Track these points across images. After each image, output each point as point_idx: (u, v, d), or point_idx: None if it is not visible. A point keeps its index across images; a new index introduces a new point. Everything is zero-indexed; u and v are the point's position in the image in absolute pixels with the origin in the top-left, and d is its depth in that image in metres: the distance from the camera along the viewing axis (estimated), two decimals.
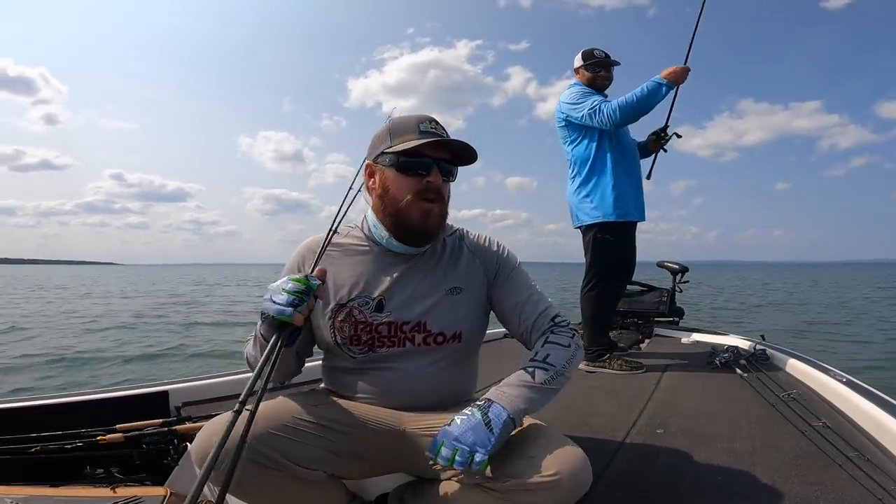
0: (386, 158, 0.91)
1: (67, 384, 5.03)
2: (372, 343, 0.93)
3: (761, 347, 2.28)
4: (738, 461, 1.17)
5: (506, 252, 1.04)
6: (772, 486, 1.03)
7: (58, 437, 1.26)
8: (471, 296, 0.98)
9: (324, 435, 0.87)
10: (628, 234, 2.29)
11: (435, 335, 0.94)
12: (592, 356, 2.24)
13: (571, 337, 0.95)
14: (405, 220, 0.92)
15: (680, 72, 2.13)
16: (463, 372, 1.02)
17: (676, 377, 2.04)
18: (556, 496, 0.75)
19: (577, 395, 1.80)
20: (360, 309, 0.94)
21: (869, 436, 1.29)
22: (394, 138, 0.91)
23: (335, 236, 0.97)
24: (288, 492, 0.83)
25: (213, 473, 0.70)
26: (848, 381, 1.61)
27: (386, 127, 0.94)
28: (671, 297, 3.21)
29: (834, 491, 1.00)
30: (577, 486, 0.77)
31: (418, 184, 0.90)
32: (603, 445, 1.28)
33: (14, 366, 5.87)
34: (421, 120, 0.92)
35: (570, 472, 0.76)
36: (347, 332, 0.93)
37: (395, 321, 0.93)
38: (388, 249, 0.97)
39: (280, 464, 0.80)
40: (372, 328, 0.93)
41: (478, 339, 1.03)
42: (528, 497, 0.76)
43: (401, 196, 0.91)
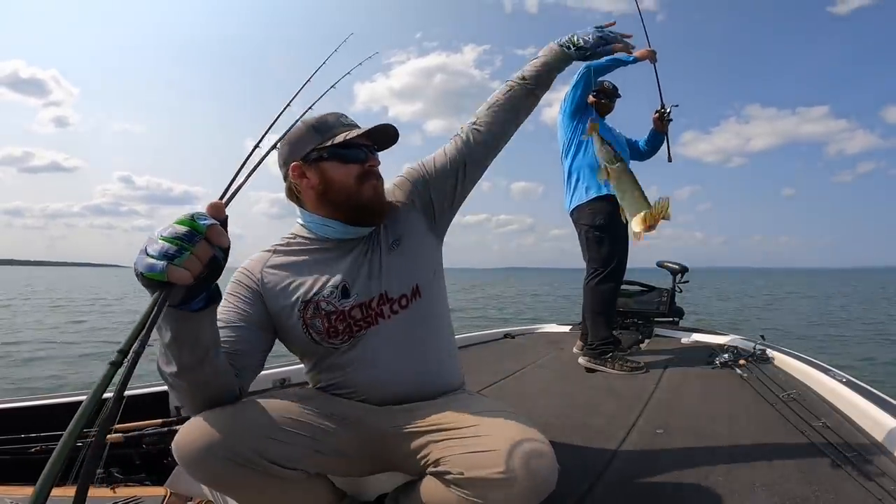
0: (324, 153, 0.95)
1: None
2: (350, 330, 0.93)
3: (761, 347, 2.28)
4: (738, 461, 1.17)
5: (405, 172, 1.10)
6: (772, 485, 1.03)
7: (57, 437, 1.26)
8: (410, 238, 1.01)
9: (306, 433, 0.85)
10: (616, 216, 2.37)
11: (398, 300, 0.96)
12: (595, 352, 2.25)
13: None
14: (358, 201, 0.96)
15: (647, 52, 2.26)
16: (437, 335, 1.01)
17: (676, 377, 2.04)
18: (510, 494, 0.73)
19: (578, 395, 1.80)
20: (328, 300, 0.93)
21: (869, 436, 1.29)
22: (323, 132, 0.96)
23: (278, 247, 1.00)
24: (271, 490, 0.83)
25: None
26: (848, 381, 1.61)
27: (306, 128, 0.98)
28: (671, 298, 3.21)
29: (834, 491, 1.00)
30: (534, 485, 0.74)
31: (361, 168, 0.96)
32: (603, 445, 1.28)
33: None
34: (338, 116, 0.98)
35: (528, 471, 0.73)
36: (321, 326, 0.93)
37: (363, 301, 0.94)
38: (338, 240, 0.99)
39: (257, 464, 0.79)
40: (345, 315, 0.93)
41: (433, 284, 1.02)
42: (480, 493, 0.75)
43: (348, 181, 0.95)
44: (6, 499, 1.06)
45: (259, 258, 0.99)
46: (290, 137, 0.97)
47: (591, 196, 2.33)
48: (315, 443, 0.86)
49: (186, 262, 0.64)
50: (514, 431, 0.79)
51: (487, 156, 1.11)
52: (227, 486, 0.82)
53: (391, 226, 1.02)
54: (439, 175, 1.07)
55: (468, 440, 0.80)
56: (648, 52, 2.34)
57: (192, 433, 0.77)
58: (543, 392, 1.83)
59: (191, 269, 0.64)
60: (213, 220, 0.67)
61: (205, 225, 0.65)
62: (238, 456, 0.77)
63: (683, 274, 3.35)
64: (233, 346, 0.88)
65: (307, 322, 0.93)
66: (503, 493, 0.73)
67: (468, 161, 1.08)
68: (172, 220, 0.66)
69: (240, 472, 0.78)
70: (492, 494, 0.74)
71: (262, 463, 0.79)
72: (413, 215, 1.04)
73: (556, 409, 1.60)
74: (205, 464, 0.77)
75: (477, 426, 0.82)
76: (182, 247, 0.63)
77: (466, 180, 1.09)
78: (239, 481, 0.79)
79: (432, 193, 1.06)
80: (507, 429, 0.80)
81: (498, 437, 0.78)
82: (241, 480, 0.79)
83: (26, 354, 6.96)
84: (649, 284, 3.29)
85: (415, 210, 1.04)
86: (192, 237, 0.64)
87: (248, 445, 0.78)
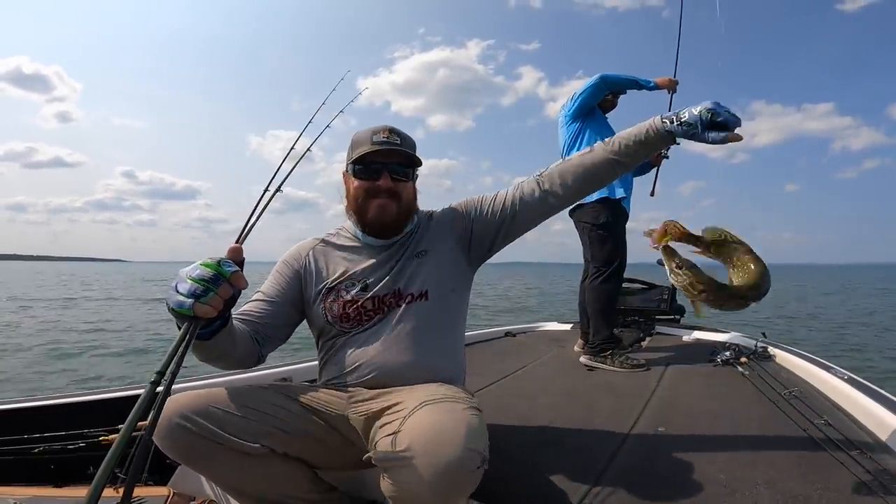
0: (349, 168, 1.07)
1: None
2: (360, 318, 1.04)
3: (762, 345, 2.27)
4: (739, 459, 1.17)
5: (463, 200, 1.18)
6: (773, 483, 1.03)
7: (61, 438, 1.27)
8: (436, 254, 1.10)
9: (269, 412, 0.90)
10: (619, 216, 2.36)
11: (405, 296, 1.05)
12: (595, 351, 2.25)
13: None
14: (363, 216, 1.07)
15: (669, 81, 2.39)
16: (437, 337, 1.05)
17: (678, 375, 2.04)
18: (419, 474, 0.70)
19: (578, 393, 1.80)
20: (347, 289, 1.05)
21: (871, 433, 1.29)
22: (353, 150, 1.06)
23: (329, 235, 1.16)
24: (240, 466, 0.86)
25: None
26: (850, 379, 1.61)
27: (351, 141, 1.09)
28: (672, 295, 3.21)
29: (836, 489, 1.00)
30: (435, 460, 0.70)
31: (370, 185, 1.05)
32: (604, 443, 1.28)
33: None
34: (375, 131, 1.05)
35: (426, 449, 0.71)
36: (337, 310, 1.05)
37: (378, 295, 1.05)
38: (367, 243, 1.11)
39: (218, 436, 0.83)
40: (358, 305, 1.04)
41: (445, 297, 1.07)
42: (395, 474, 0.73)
43: (357, 196, 1.06)
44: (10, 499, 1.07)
45: (308, 244, 1.14)
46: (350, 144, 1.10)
47: (594, 198, 2.31)
48: (278, 421, 0.90)
49: (211, 301, 0.75)
50: (432, 412, 0.78)
51: (537, 217, 1.12)
52: (197, 460, 0.86)
53: (423, 238, 1.12)
54: (488, 216, 1.13)
55: (389, 423, 0.82)
56: (671, 81, 2.38)
57: (164, 412, 0.80)
58: (544, 390, 1.83)
59: (214, 306, 0.76)
60: (235, 267, 0.79)
61: (229, 271, 0.78)
62: (200, 428, 0.82)
63: None
64: (264, 318, 1.03)
65: (326, 305, 1.06)
66: (407, 474, 0.71)
67: (518, 214, 1.11)
68: (199, 262, 0.77)
69: (204, 444, 0.83)
70: (398, 476, 0.72)
71: (222, 435, 0.83)
72: (449, 238, 1.13)
73: (557, 407, 1.60)
74: (171, 435, 0.82)
75: (402, 408, 0.84)
76: (208, 288, 0.75)
77: (514, 228, 1.12)
78: (206, 454, 0.84)
79: (474, 228, 1.14)
80: (427, 409, 0.79)
81: (413, 418, 0.78)
82: (208, 454, 0.83)
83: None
84: (650, 282, 3.29)
85: (452, 236, 1.13)
86: (216, 280, 0.76)
87: (210, 418, 0.84)
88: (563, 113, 2.49)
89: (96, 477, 0.58)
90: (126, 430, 0.63)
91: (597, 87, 2.34)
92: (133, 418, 0.64)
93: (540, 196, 1.09)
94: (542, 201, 1.09)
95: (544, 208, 1.10)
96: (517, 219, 1.11)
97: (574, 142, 2.42)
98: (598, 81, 2.33)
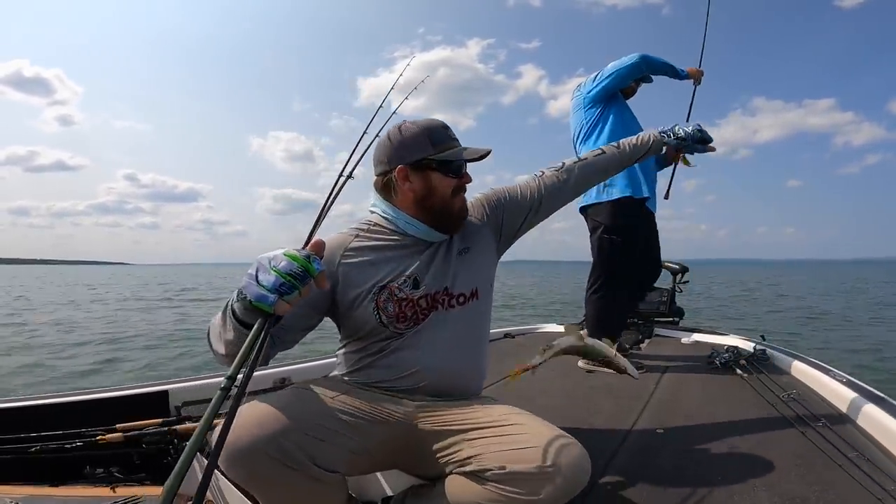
0: (433, 163, 1.01)
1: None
2: (416, 318, 1.00)
3: (761, 348, 2.27)
4: (738, 461, 1.17)
5: (486, 192, 1.19)
6: (772, 486, 1.03)
7: (58, 437, 1.26)
8: (477, 250, 1.10)
9: (346, 433, 0.86)
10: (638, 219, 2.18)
11: (457, 296, 1.03)
12: None
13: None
14: (449, 211, 1.04)
15: (697, 72, 2.33)
16: (481, 339, 1.09)
17: (676, 377, 2.04)
18: (551, 487, 0.76)
19: (577, 395, 1.80)
20: (400, 287, 1.00)
21: (869, 436, 1.29)
22: (436, 146, 1.01)
23: (359, 231, 1.06)
24: (302, 491, 0.80)
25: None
26: (848, 382, 1.61)
27: (422, 136, 1.01)
28: (671, 297, 3.21)
29: (834, 491, 1.00)
30: (574, 477, 0.77)
31: (458, 182, 1.04)
32: (603, 445, 1.28)
33: None
34: (445, 127, 1.04)
35: (568, 463, 0.77)
36: (392, 310, 0.99)
37: (429, 292, 1.01)
38: (417, 238, 1.04)
39: (305, 466, 0.77)
40: (414, 303, 1.00)
41: (488, 294, 1.11)
42: (521, 487, 0.76)
43: (447, 192, 1.03)
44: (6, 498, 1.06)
45: (340, 241, 1.03)
46: (403, 140, 1.01)
47: (614, 196, 2.14)
48: (353, 443, 0.86)
49: (293, 300, 0.70)
50: (547, 429, 0.84)
51: (559, 204, 1.23)
52: (262, 487, 0.79)
53: (464, 235, 1.10)
54: (516, 205, 1.17)
55: (504, 438, 0.83)
56: (698, 71, 2.34)
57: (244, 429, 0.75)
58: (543, 392, 1.83)
59: (292, 304, 0.71)
60: (322, 265, 0.74)
61: (318, 269, 0.72)
62: (287, 457, 0.76)
63: (683, 274, 3.35)
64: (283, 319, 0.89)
65: (380, 305, 0.98)
66: (544, 487, 0.76)
67: (544, 201, 1.18)
68: (283, 252, 0.71)
69: (283, 472, 0.76)
70: (533, 488, 0.76)
71: (308, 465, 0.78)
72: (485, 231, 1.13)
73: (555, 409, 1.60)
74: (252, 461, 0.75)
75: (510, 425, 0.87)
76: (294, 285, 0.69)
77: (536, 217, 1.19)
78: (276, 481, 0.77)
79: (504, 218, 1.15)
80: (540, 426, 0.86)
81: (533, 434, 0.82)
82: (278, 480, 0.77)
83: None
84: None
85: (487, 227, 1.13)
86: (304, 278, 0.71)
87: (299, 446, 0.77)
88: (581, 94, 2.27)
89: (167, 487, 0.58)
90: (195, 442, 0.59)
91: (635, 66, 2.12)
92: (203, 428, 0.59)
93: (561, 188, 1.21)
94: (563, 194, 1.21)
95: (561, 200, 1.23)
96: (541, 209, 1.18)
97: (593, 129, 2.22)
98: (637, 61, 2.11)
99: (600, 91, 2.19)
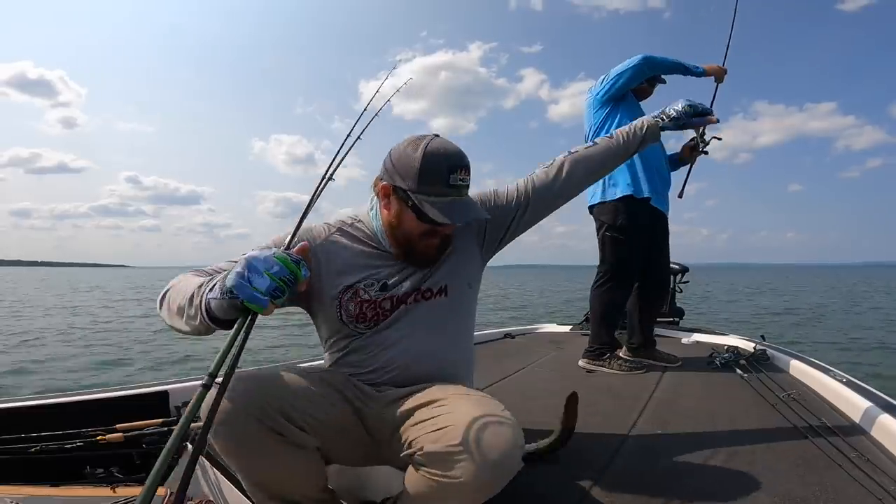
0: (409, 200, 0.93)
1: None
2: (377, 318, 0.99)
3: (761, 348, 2.28)
4: (737, 461, 1.17)
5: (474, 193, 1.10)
6: (771, 486, 1.03)
7: (58, 437, 1.26)
8: (457, 251, 1.06)
9: (321, 401, 0.88)
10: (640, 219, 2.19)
11: (423, 291, 1.01)
12: (594, 354, 2.24)
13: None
14: (412, 249, 1.00)
15: (718, 69, 2.25)
16: (453, 331, 1.04)
17: (676, 377, 2.04)
18: (470, 467, 0.71)
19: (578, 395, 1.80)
20: (366, 289, 0.99)
21: (869, 436, 1.29)
22: (422, 183, 0.92)
23: (343, 224, 1.05)
24: (279, 458, 0.83)
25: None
26: (848, 382, 1.61)
27: (416, 161, 0.92)
28: (671, 298, 3.22)
29: (833, 491, 1.00)
30: (496, 457, 0.72)
31: (431, 230, 0.96)
32: (603, 445, 1.28)
33: None
34: (451, 168, 0.93)
35: (488, 442, 0.72)
36: (353, 310, 0.98)
37: (396, 295, 1.00)
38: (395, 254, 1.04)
39: (284, 427, 0.81)
40: (376, 304, 0.99)
41: (463, 293, 1.07)
42: (438, 468, 0.74)
43: (412, 233, 0.97)
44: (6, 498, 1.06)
45: (324, 229, 1.04)
46: (400, 159, 0.94)
47: (617, 195, 2.18)
48: (325, 412, 0.88)
49: (280, 302, 0.73)
50: (476, 408, 0.79)
51: (551, 203, 1.17)
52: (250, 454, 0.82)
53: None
54: (500, 210, 1.12)
55: (432, 419, 0.82)
56: (720, 68, 2.24)
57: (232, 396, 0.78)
58: (543, 392, 1.83)
59: (279, 306, 0.74)
60: (308, 272, 0.77)
61: (305, 276, 0.75)
62: (266, 416, 0.79)
63: (683, 274, 3.36)
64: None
65: (342, 303, 0.99)
66: (459, 467, 0.72)
67: (532, 202, 1.14)
68: (275, 255, 0.73)
69: (268, 437, 0.80)
70: (448, 469, 0.73)
71: (290, 429, 0.81)
72: (466, 234, 1.09)
73: (555, 409, 1.60)
74: (237, 422, 0.78)
75: (442, 405, 0.84)
76: (284, 290, 0.72)
77: (525, 220, 1.14)
78: (263, 448, 0.81)
79: (488, 225, 1.11)
80: (470, 405, 0.81)
81: (458, 413, 0.79)
82: (265, 447, 0.81)
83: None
84: None
85: (469, 231, 1.10)
86: (295, 283, 0.73)
87: (275, 405, 0.81)
88: (591, 95, 2.29)
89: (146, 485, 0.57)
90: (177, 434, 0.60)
91: (637, 69, 2.10)
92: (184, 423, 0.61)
93: (550, 187, 1.15)
94: (553, 192, 1.15)
95: (554, 199, 1.17)
96: (529, 210, 1.14)
97: (600, 130, 2.23)
98: (639, 63, 2.09)
99: (605, 93, 2.21)
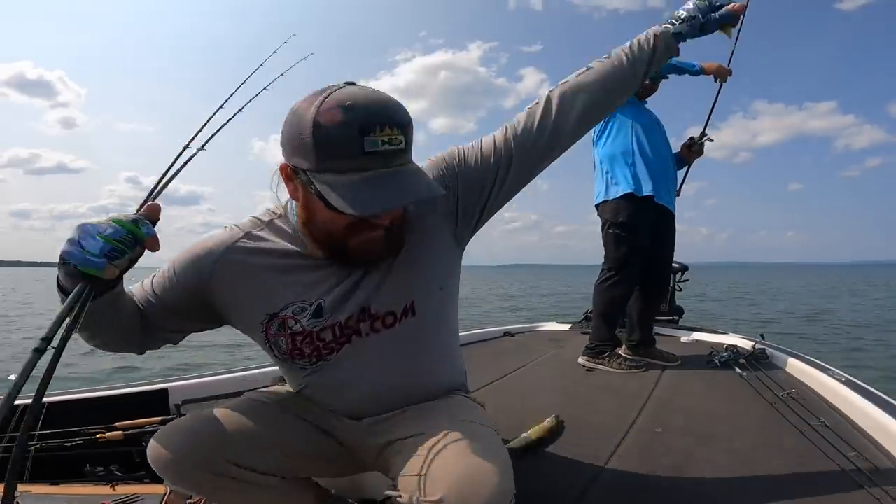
0: (312, 186, 0.69)
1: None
2: (318, 354, 0.79)
3: (761, 347, 2.28)
4: (737, 460, 1.17)
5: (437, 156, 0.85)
6: (770, 485, 1.04)
7: (57, 435, 1.26)
8: (420, 246, 0.80)
9: (280, 439, 0.82)
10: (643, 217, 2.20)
11: (382, 317, 0.79)
12: (594, 352, 2.25)
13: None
14: (338, 247, 0.75)
15: (718, 68, 2.20)
16: (431, 349, 0.84)
17: (676, 376, 2.04)
18: None
19: (577, 394, 1.80)
20: (296, 318, 0.78)
21: (868, 435, 1.29)
22: (322, 157, 0.66)
23: (255, 229, 0.82)
24: (252, 495, 0.81)
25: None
26: (847, 381, 1.61)
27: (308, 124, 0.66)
28: (671, 296, 3.22)
29: (832, 490, 1.00)
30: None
31: (357, 221, 0.71)
32: (602, 444, 1.28)
33: None
34: (367, 127, 0.64)
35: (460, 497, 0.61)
36: (285, 345, 0.79)
37: (337, 321, 0.78)
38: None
39: (232, 472, 0.77)
40: (313, 337, 0.78)
41: (437, 301, 0.83)
42: None
43: (333, 230, 0.73)
44: None
45: (224, 240, 0.80)
46: (291, 125, 0.69)
47: (619, 193, 2.20)
48: (290, 447, 0.83)
49: (121, 264, 0.67)
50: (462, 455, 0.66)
51: (543, 151, 0.87)
52: (208, 492, 0.81)
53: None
54: (474, 171, 0.83)
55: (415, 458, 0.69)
56: (720, 68, 2.19)
57: (161, 444, 0.76)
58: (542, 390, 1.83)
59: (121, 268, 0.68)
60: (153, 229, 0.69)
61: (147, 234, 0.68)
62: (211, 465, 0.76)
63: (683, 273, 3.36)
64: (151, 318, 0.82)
65: (270, 338, 0.80)
66: None
67: (516, 154, 0.84)
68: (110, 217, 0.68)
69: (216, 479, 0.77)
70: None
71: (236, 471, 0.77)
72: (428, 217, 0.82)
73: (555, 407, 1.60)
74: (178, 473, 0.76)
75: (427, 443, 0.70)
76: (123, 251, 0.66)
77: (507, 183, 0.85)
78: (217, 486, 0.78)
79: (459, 195, 0.83)
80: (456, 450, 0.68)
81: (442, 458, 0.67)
82: (220, 485, 0.78)
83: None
84: None
85: (433, 211, 0.82)
86: (133, 243, 0.67)
87: (220, 455, 0.76)
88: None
89: None
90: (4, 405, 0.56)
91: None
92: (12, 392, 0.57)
93: (538, 133, 0.85)
94: (543, 139, 0.85)
95: (546, 149, 0.87)
96: (513, 168, 0.84)
97: (604, 127, 2.25)
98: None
99: None
